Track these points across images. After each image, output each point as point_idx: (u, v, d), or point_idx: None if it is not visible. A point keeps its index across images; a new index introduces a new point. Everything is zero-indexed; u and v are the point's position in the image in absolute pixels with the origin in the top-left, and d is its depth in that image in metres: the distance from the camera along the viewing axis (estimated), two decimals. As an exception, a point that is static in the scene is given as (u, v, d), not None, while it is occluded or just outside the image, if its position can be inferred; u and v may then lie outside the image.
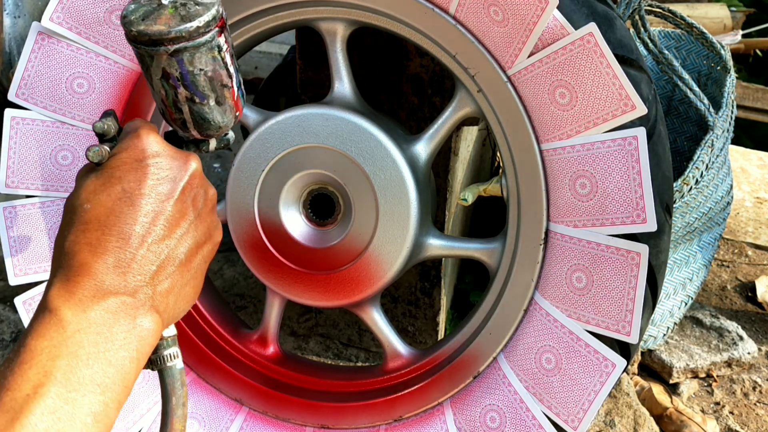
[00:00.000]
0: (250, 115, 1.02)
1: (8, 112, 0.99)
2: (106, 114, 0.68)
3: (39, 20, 0.96)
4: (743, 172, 2.16)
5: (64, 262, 0.59)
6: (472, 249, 1.01)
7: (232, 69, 0.67)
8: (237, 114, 0.70)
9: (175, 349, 0.67)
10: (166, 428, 0.67)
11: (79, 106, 0.99)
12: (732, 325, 1.50)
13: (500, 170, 0.98)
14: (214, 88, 0.66)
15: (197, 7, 0.64)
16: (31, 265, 1.01)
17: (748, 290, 1.72)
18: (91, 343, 0.56)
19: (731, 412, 1.36)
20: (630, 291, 0.86)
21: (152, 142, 0.64)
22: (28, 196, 1.01)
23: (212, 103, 0.67)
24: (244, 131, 1.05)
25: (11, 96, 0.98)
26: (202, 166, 0.68)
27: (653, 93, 0.87)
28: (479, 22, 0.87)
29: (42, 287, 1.02)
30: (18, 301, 1.02)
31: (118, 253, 0.59)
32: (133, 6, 0.64)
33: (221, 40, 0.65)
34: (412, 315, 1.38)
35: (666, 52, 1.36)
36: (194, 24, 0.63)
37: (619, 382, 1.32)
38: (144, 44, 0.63)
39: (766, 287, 1.70)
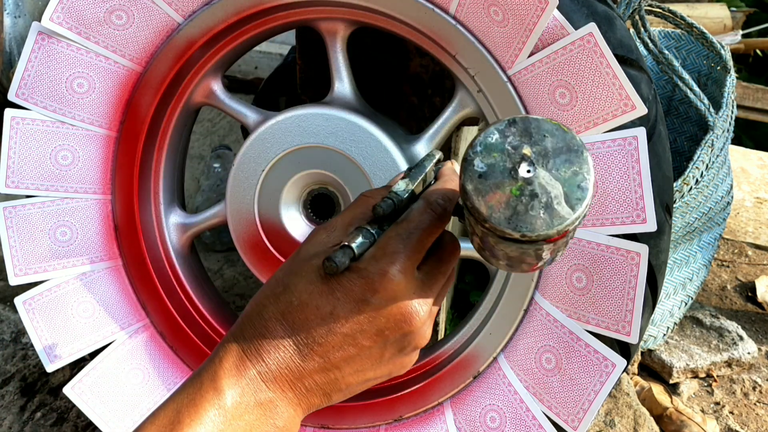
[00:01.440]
0: (250, 115, 1.02)
1: (8, 112, 0.99)
2: (415, 174, 0.61)
3: (39, 20, 0.96)
4: (743, 172, 2.16)
5: (251, 332, 0.59)
6: (472, 249, 1.01)
7: (545, 258, 0.56)
8: (526, 271, 0.59)
9: None
10: None
11: (79, 106, 0.99)
12: (732, 325, 1.50)
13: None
14: (511, 261, 0.57)
15: (552, 209, 0.50)
16: (31, 265, 1.01)
17: (748, 290, 1.72)
18: None
19: (731, 412, 1.36)
20: (630, 291, 0.86)
21: (392, 286, 0.58)
22: (28, 196, 1.01)
23: (503, 263, 0.58)
24: (244, 131, 1.05)
25: (11, 96, 0.98)
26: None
27: (653, 93, 0.87)
28: (479, 22, 0.87)
29: (41, 287, 1.02)
30: (18, 301, 1.02)
31: (289, 359, 0.58)
32: (488, 161, 0.52)
33: (546, 248, 0.53)
34: (412, 315, 1.38)
35: (666, 52, 1.36)
36: (516, 234, 0.51)
37: (619, 382, 1.32)
38: (522, 242, 0.52)
39: (766, 287, 1.70)
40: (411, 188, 0.62)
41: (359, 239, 0.58)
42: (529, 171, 0.51)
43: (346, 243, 0.57)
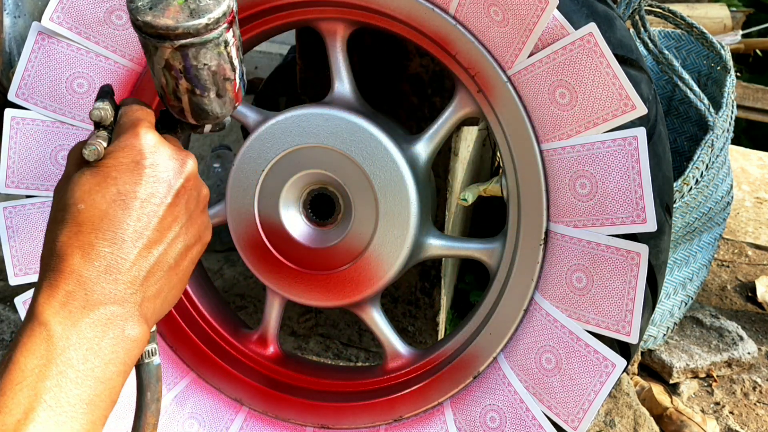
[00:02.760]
0: (250, 115, 1.02)
1: (8, 112, 0.99)
2: (103, 93, 0.65)
3: (39, 20, 0.96)
4: (743, 172, 2.16)
5: (54, 264, 0.58)
6: (472, 249, 1.01)
7: (236, 62, 0.66)
8: (236, 104, 0.69)
9: (153, 346, 0.66)
10: (140, 421, 0.67)
11: (79, 106, 0.99)
12: (732, 325, 1.50)
13: (500, 170, 0.98)
14: (216, 82, 0.65)
15: (208, 0, 0.61)
16: (31, 265, 1.01)
17: (748, 290, 1.72)
18: (80, 360, 0.55)
19: (731, 412, 1.36)
20: (630, 291, 0.86)
21: (150, 141, 0.62)
22: (28, 196, 1.01)
23: (212, 95, 0.66)
24: (244, 131, 1.05)
25: (11, 96, 0.98)
26: (201, 166, 0.67)
27: (653, 93, 0.87)
28: (479, 22, 0.87)
29: (42, 287, 1.02)
30: (18, 301, 1.02)
31: (110, 258, 0.58)
32: None
33: (229, 35, 0.63)
34: (412, 315, 1.38)
35: (666, 52, 1.36)
36: (203, 21, 0.60)
37: (619, 382, 1.32)
38: (149, 35, 0.61)
39: (766, 287, 1.70)
40: (107, 101, 0.65)
41: (101, 139, 0.62)
42: None
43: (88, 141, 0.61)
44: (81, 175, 0.61)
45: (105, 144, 0.62)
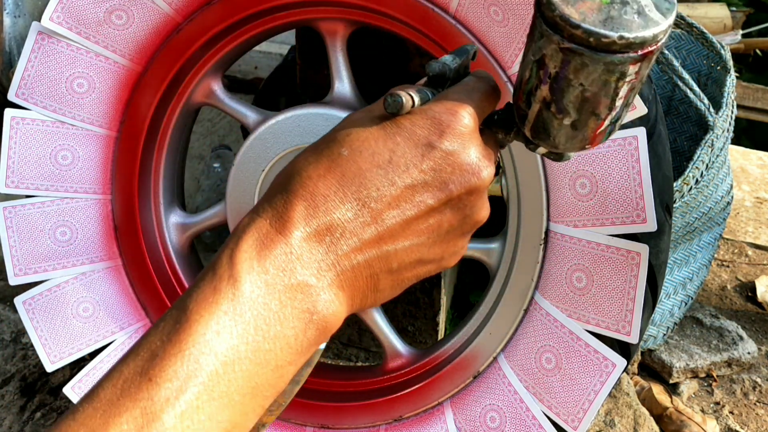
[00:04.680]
0: (250, 115, 1.02)
1: (8, 112, 0.99)
2: (462, 51, 0.55)
3: (39, 20, 0.96)
4: (743, 172, 2.16)
5: (279, 199, 0.49)
6: (472, 249, 1.01)
7: (618, 103, 0.51)
8: (587, 147, 0.55)
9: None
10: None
11: (79, 106, 0.99)
12: (732, 325, 1.50)
13: (500, 170, 0.98)
14: (581, 110, 0.52)
15: (645, 15, 0.48)
16: (31, 265, 1.01)
17: (748, 290, 1.72)
18: (257, 339, 0.46)
19: (731, 412, 1.36)
20: (630, 291, 0.86)
21: (463, 128, 0.51)
22: (28, 196, 1.01)
23: (567, 122, 0.53)
24: (244, 131, 1.05)
25: (11, 96, 0.98)
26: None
27: (653, 93, 0.87)
28: (479, 22, 0.87)
29: (41, 287, 1.02)
30: (18, 301, 1.02)
31: (336, 224, 0.48)
32: None
33: (631, 69, 0.49)
34: (412, 315, 1.38)
35: (666, 52, 1.36)
36: (614, 36, 0.47)
37: (619, 382, 1.32)
38: (544, 18, 0.49)
39: (766, 287, 1.70)
40: (458, 61, 0.56)
41: (417, 94, 0.52)
42: None
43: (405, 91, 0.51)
44: (368, 119, 0.51)
45: (415, 101, 0.52)
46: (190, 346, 0.44)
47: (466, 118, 0.51)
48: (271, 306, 0.46)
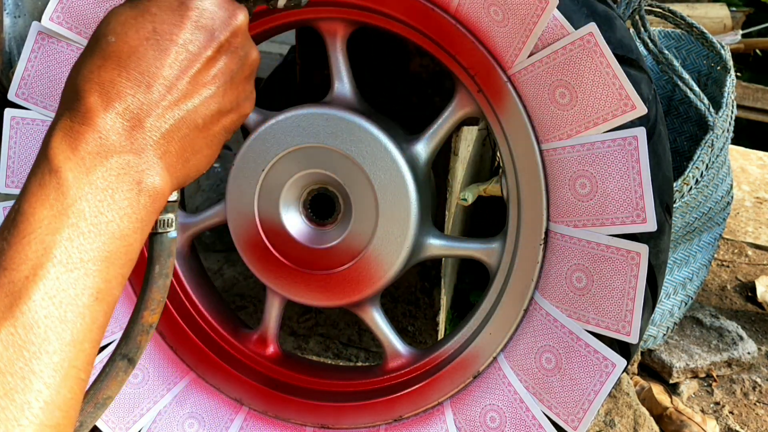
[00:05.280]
0: (250, 115, 1.02)
1: (8, 112, 0.99)
2: None
3: (39, 20, 0.96)
4: (743, 172, 2.16)
5: (72, 102, 0.53)
6: (472, 249, 1.01)
7: None
8: None
9: (171, 216, 0.60)
10: (144, 295, 0.62)
11: (79, 106, 0.99)
12: (732, 325, 1.50)
13: (500, 170, 0.98)
14: None
15: None
16: (31, 265, 1.01)
17: (748, 290, 1.72)
18: (93, 213, 0.50)
19: (731, 412, 1.36)
20: (630, 291, 0.86)
21: None
22: (28, 196, 1.01)
23: None
24: (244, 131, 1.06)
25: (11, 96, 0.98)
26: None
27: (653, 93, 0.87)
28: (479, 22, 0.87)
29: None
30: (18, 301, 1.02)
31: (131, 102, 0.53)
32: None
33: None
34: (412, 315, 1.38)
35: (666, 52, 1.36)
36: None
37: (619, 382, 1.32)
38: None
39: (766, 287, 1.70)
40: None
41: None
42: None
43: None
44: (121, 7, 0.55)
45: None
46: (31, 231, 0.49)
47: None
48: (98, 185, 0.51)
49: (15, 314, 0.47)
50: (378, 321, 1.04)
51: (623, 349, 0.88)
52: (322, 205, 1.00)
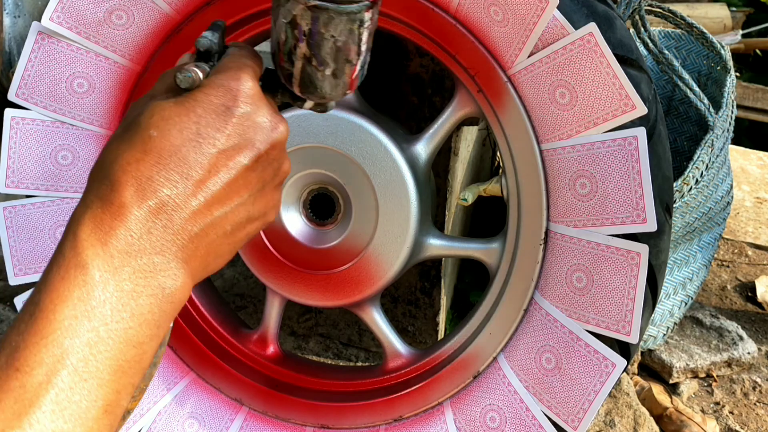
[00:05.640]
0: (250, 115, 1.02)
1: (8, 112, 0.99)
2: (215, 27, 0.60)
3: (39, 20, 0.96)
4: (743, 172, 2.16)
5: (105, 190, 0.51)
6: (472, 249, 1.01)
7: (364, 47, 0.61)
8: (348, 91, 0.64)
9: None
10: None
11: (79, 106, 0.99)
12: (732, 325, 1.50)
13: (500, 170, 0.98)
14: (337, 59, 0.60)
15: None
16: (31, 265, 1.01)
17: (748, 290, 1.72)
18: (115, 319, 0.48)
19: (731, 412, 1.36)
20: (630, 291, 0.86)
21: (249, 91, 0.56)
22: (28, 196, 1.01)
23: (328, 72, 0.60)
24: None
25: (11, 96, 0.98)
26: None
27: (653, 93, 0.87)
28: (480, 22, 0.87)
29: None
30: (18, 301, 1.02)
31: (166, 201, 0.51)
32: None
33: (367, 15, 0.59)
34: (412, 315, 1.38)
35: (666, 52, 1.36)
36: None
37: (619, 382, 1.32)
38: None
39: (766, 287, 1.70)
40: (218, 35, 0.61)
41: (201, 68, 0.57)
42: None
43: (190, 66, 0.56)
44: (165, 100, 0.54)
45: (202, 76, 0.56)
46: (51, 333, 0.46)
47: (249, 81, 0.56)
48: (123, 287, 0.49)
49: (23, 425, 0.45)
50: (378, 321, 1.04)
51: (623, 349, 0.88)
52: (322, 205, 1.00)
